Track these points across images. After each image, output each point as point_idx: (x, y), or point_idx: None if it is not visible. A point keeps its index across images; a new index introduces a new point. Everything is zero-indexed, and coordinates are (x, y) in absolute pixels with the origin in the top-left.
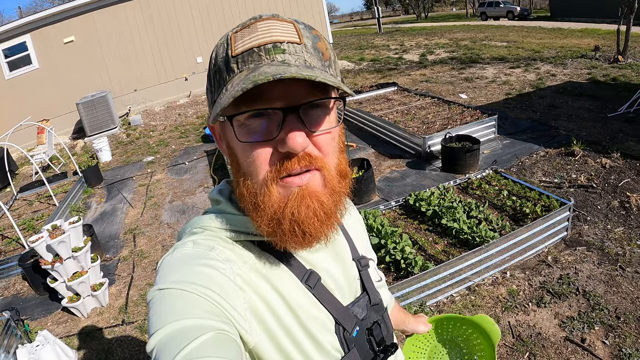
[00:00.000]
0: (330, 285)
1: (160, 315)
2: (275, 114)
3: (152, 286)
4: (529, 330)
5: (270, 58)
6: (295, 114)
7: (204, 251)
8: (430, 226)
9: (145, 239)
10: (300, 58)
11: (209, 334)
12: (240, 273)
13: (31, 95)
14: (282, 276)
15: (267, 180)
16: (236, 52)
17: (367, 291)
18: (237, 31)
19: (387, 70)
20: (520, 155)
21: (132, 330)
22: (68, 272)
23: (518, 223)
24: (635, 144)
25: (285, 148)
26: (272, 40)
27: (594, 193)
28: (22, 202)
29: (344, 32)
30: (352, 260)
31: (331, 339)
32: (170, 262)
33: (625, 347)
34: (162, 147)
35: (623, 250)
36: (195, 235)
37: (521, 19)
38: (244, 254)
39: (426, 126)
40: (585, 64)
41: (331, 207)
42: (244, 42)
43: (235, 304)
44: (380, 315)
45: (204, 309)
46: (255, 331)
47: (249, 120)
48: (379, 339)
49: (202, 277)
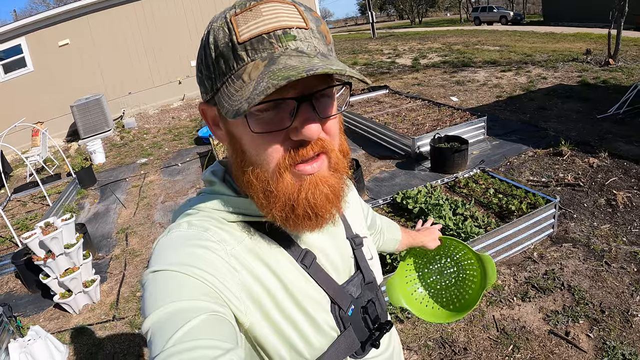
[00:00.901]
0: (325, 264)
1: (155, 297)
2: (287, 103)
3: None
4: (514, 324)
5: (282, 46)
6: (309, 102)
7: (198, 232)
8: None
9: (137, 238)
10: (311, 44)
11: (202, 315)
12: (234, 254)
13: (26, 98)
14: (277, 256)
15: (281, 168)
16: (243, 38)
17: (361, 270)
18: (237, 13)
19: (380, 74)
20: (509, 156)
21: (122, 325)
22: (60, 268)
23: (504, 220)
24: (624, 144)
25: (300, 136)
26: (281, 25)
27: (581, 191)
28: (16, 203)
29: (338, 37)
30: (347, 239)
31: (327, 317)
32: (165, 244)
33: (609, 340)
34: (156, 150)
35: (609, 246)
36: (190, 216)
37: (514, 23)
38: (238, 234)
39: (416, 127)
40: (577, 67)
41: (339, 187)
42: (249, 27)
43: (229, 285)
44: (374, 293)
45: (198, 290)
46: (251, 312)
47: (261, 111)
48: (374, 316)
49: (196, 258)
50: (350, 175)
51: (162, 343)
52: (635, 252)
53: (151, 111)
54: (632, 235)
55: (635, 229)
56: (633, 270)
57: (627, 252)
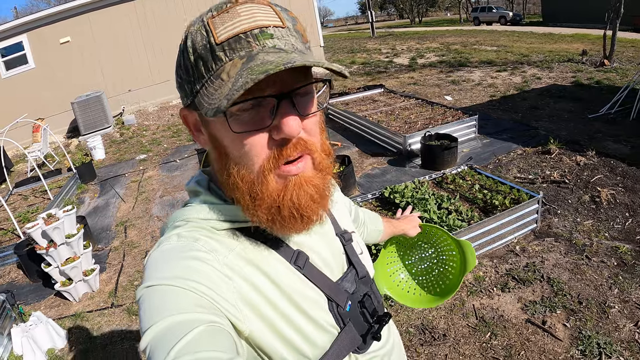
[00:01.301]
0: (318, 263)
1: (151, 313)
2: (267, 101)
3: (140, 284)
4: (492, 313)
5: (260, 44)
6: (288, 100)
7: (188, 243)
8: None
9: (135, 230)
10: (289, 42)
11: (200, 327)
12: (227, 262)
13: (27, 95)
14: (270, 260)
15: (265, 169)
16: (220, 38)
17: (353, 265)
18: (214, 16)
19: (377, 73)
20: (499, 154)
21: (120, 312)
22: (61, 257)
23: (487, 214)
24: (612, 143)
25: (282, 134)
26: (257, 25)
27: (566, 188)
28: (17, 197)
29: (337, 35)
30: (336, 235)
31: (325, 316)
32: (157, 258)
33: (585, 329)
34: (155, 146)
35: (590, 241)
36: (179, 228)
37: (513, 24)
38: (229, 242)
39: (408, 126)
40: (572, 67)
41: (324, 188)
42: (226, 28)
43: (225, 295)
44: (369, 286)
45: (194, 302)
46: (249, 319)
47: (241, 110)
48: (372, 310)
49: (189, 270)
50: (335, 174)
51: (161, 357)
52: (616, 247)
53: (150, 108)
54: (614, 230)
55: (617, 225)
56: (613, 264)
57: (608, 247)
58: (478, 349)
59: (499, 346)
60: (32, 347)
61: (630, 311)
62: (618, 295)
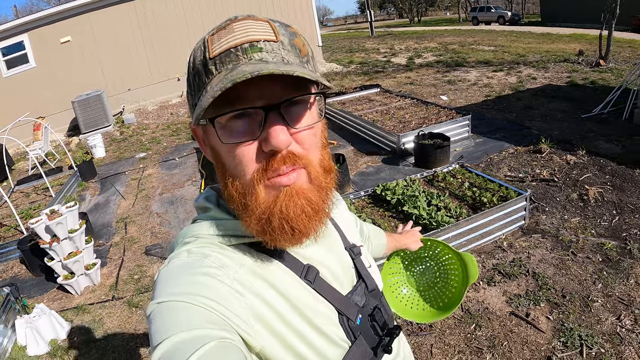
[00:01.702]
0: (328, 277)
1: (161, 329)
2: (256, 113)
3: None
4: (478, 305)
5: (247, 57)
6: (277, 111)
7: (199, 259)
8: (394, 213)
9: (135, 226)
10: (278, 55)
11: (211, 343)
12: (237, 278)
13: (28, 94)
14: (280, 275)
15: (254, 180)
16: (213, 54)
17: (362, 278)
18: (214, 33)
19: (374, 72)
20: (491, 153)
21: (121, 304)
22: (64, 251)
23: (476, 211)
24: (604, 142)
25: (269, 146)
26: (248, 39)
27: (555, 186)
28: (19, 194)
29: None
30: (345, 249)
31: (336, 330)
32: (167, 274)
33: (568, 322)
34: (154, 144)
35: (577, 237)
36: (189, 244)
37: (512, 23)
38: (239, 257)
39: (403, 125)
40: (567, 68)
41: (319, 203)
42: (220, 44)
43: (236, 310)
44: (379, 299)
45: (204, 318)
46: (260, 334)
47: (231, 121)
48: (382, 323)
49: (199, 286)
50: (336, 188)
51: None
52: (602, 244)
53: (150, 107)
54: (601, 227)
55: (604, 222)
56: (598, 260)
57: (594, 244)
58: (463, 339)
59: (483, 337)
60: (35, 338)
61: (613, 305)
62: (601, 290)
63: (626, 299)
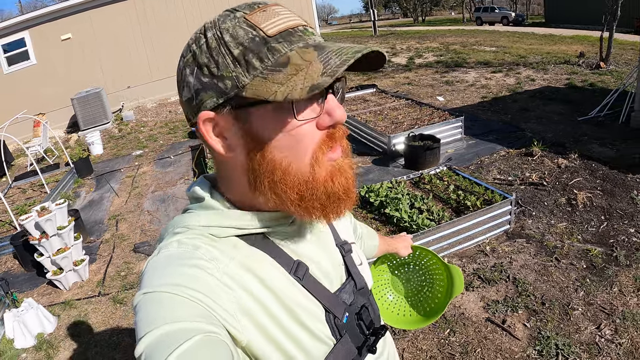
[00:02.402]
0: (317, 274)
1: (147, 320)
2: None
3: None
4: (454, 310)
5: (310, 38)
6: (332, 88)
7: (189, 251)
8: (377, 215)
9: (126, 224)
10: (320, 39)
11: (197, 337)
12: (227, 271)
13: (28, 90)
14: (270, 270)
15: (317, 157)
16: (271, 32)
17: (352, 276)
18: (252, 13)
19: (373, 72)
20: (482, 155)
21: (106, 300)
22: (53, 247)
23: (459, 215)
24: (598, 146)
25: (333, 120)
26: (298, 23)
27: (544, 190)
28: (16, 190)
29: (340, 34)
30: (336, 246)
31: (322, 327)
32: (156, 264)
33: (545, 330)
34: (151, 142)
35: (562, 243)
36: (180, 234)
37: (516, 24)
38: (230, 250)
39: (395, 126)
40: (567, 69)
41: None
42: (274, 24)
43: (224, 304)
44: (367, 298)
45: (191, 311)
46: (247, 329)
47: (305, 99)
48: (368, 322)
49: (188, 278)
50: None
51: None
52: (587, 250)
53: (149, 105)
54: (588, 233)
55: (591, 228)
56: (582, 266)
57: (579, 250)
58: (436, 345)
59: (457, 343)
60: (22, 331)
61: (594, 314)
62: (583, 298)
63: (608, 307)
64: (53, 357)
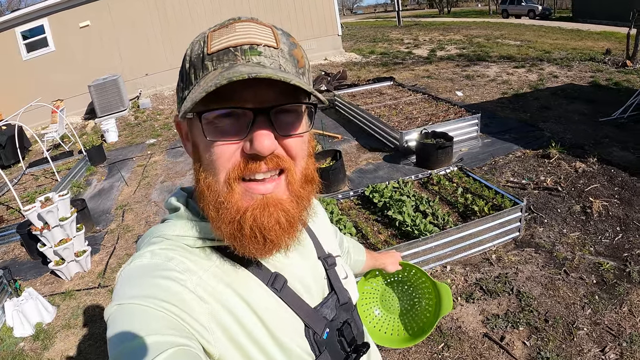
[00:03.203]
0: (297, 287)
1: (120, 333)
2: (245, 114)
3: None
4: (451, 323)
5: (245, 59)
6: (266, 115)
7: (162, 262)
8: (380, 217)
9: (132, 214)
10: (276, 62)
11: (170, 350)
12: (200, 283)
13: (47, 76)
14: (246, 282)
15: (230, 178)
16: (212, 50)
17: (335, 290)
18: (215, 30)
19: (393, 64)
20: (497, 155)
21: (105, 292)
22: (55, 238)
23: (466, 220)
24: (619, 149)
25: (253, 150)
26: (249, 41)
27: (558, 196)
28: (29, 177)
29: (364, 23)
30: (318, 259)
31: (301, 342)
32: (129, 275)
33: (545, 350)
34: (165, 131)
35: (573, 255)
36: (154, 245)
37: (542, 18)
38: (204, 262)
39: (408, 121)
40: (592, 67)
41: (295, 214)
42: (220, 41)
43: (197, 316)
44: (350, 314)
45: (164, 324)
46: (220, 342)
47: (218, 119)
48: (350, 338)
49: (160, 290)
50: (315, 197)
51: None
52: (599, 264)
53: (167, 92)
54: (601, 245)
55: (605, 239)
56: (592, 281)
57: (590, 263)
58: (428, 359)
59: (450, 358)
60: (21, 320)
61: (599, 335)
62: (589, 317)
63: (615, 328)
64: (49, 348)
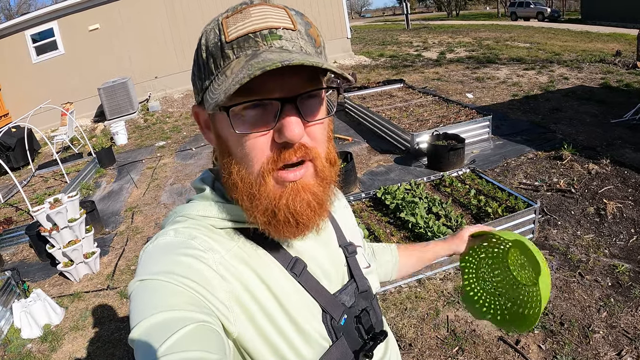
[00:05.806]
0: (316, 272)
1: (141, 308)
2: (272, 104)
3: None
4: (465, 327)
5: (267, 44)
6: (293, 104)
7: (185, 240)
8: (392, 219)
9: (142, 216)
10: (297, 45)
11: (190, 325)
12: (222, 262)
13: (56, 79)
14: (267, 264)
15: (264, 171)
16: (230, 37)
17: (354, 278)
18: (229, 16)
19: (403, 67)
20: (509, 157)
21: (114, 294)
22: (64, 240)
23: (479, 222)
24: (632, 151)
25: (283, 138)
26: (267, 26)
27: (571, 198)
28: (39, 179)
29: (372, 27)
30: (339, 247)
31: (318, 327)
32: (152, 252)
33: (561, 354)
34: (175, 133)
35: (587, 257)
36: (178, 223)
37: (551, 20)
38: (227, 242)
39: (419, 123)
40: (602, 68)
41: (323, 196)
42: (237, 28)
43: (217, 294)
44: (369, 302)
45: (185, 300)
46: (239, 320)
47: (245, 110)
48: (368, 326)
49: (183, 267)
50: (338, 184)
51: (150, 353)
52: (614, 266)
53: (176, 95)
54: (616, 247)
55: (620, 242)
56: (607, 284)
57: (605, 265)
58: None
59: None
60: (29, 322)
61: (616, 338)
62: (605, 320)
63: (631, 332)
64: (57, 349)
